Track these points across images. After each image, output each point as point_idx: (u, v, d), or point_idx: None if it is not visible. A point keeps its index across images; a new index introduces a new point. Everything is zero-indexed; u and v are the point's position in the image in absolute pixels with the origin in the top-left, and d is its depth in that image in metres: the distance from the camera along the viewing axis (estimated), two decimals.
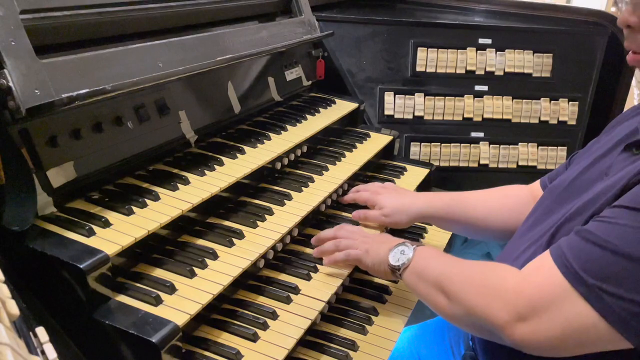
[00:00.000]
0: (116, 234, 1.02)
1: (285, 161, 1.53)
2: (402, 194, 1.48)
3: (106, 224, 1.03)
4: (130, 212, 1.08)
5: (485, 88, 2.15)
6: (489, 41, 2.15)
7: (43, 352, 0.65)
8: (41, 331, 0.68)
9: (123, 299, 0.98)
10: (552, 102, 2.18)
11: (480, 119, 2.14)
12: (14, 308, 0.55)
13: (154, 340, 0.89)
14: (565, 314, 0.85)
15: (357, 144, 1.77)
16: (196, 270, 1.07)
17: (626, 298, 0.81)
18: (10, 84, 0.94)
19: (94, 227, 1.01)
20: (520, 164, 2.16)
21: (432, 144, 2.10)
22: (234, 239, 1.18)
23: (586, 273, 0.83)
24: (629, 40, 1.01)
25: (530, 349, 0.90)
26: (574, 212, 0.97)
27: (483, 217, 1.37)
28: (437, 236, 1.60)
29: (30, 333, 0.67)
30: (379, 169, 1.82)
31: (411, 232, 1.59)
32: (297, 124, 1.65)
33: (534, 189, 1.34)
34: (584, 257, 0.85)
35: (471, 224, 1.39)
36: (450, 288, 1.00)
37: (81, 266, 0.91)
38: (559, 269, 0.87)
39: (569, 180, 1.08)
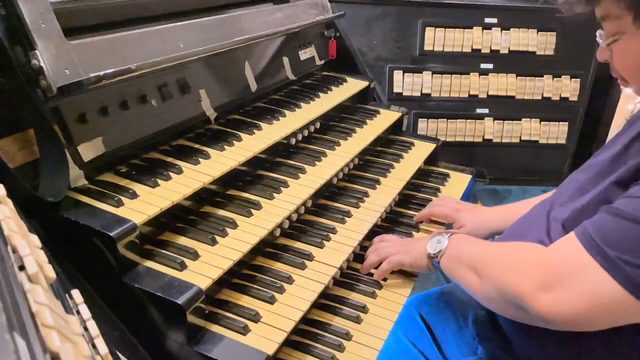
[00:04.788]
0: (143, 204, 1.03)
1: (300, 137, 1.52)
2: (479, 212, 1.45)
3: (134, 195, 1.04)
4: (155, 185, 1.09)
5: (490, 66, 2.11)
6: (494, 20, 2.10)
7: (78, 312, 0.66)
8: (76, 293, 0.69)
9: (150, 264, 0.99)
10: (555, 79, 2.13)
11: (485, 95, 2.11)
12: (50, 272, 0.56)
13: (179, 302, 0.90)
14: (588, 285, 0.82)
15: (368, 120, 1.75)
16: (217, 238, 1.08)
17: None
18: (42, 64, 0.94)
19: (122, 198, 1.02)
20: (523, 138, 2.13)
21: (439, 119, 2.07)
22: (252, 210, 1.19)
23: (606, 245, 0.81)
24: (612, 69, 0.97)
25: (556, 322, 0.87)
26: (593, 195, 0.94)
27: None
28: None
29: (66, 295, 0.69)
30: (388, 144, 1.81)
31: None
32: (311, 101, 1.64)
33: None
34: (604, 229, 0.82)
35: None
36: (480, 267, 0.99)
37: (111, 234, 0.92)
38: (580, 242, 0.84)
39: (598, 166, 1.01)
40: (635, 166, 0.88)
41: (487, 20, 2.10)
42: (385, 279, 1.28)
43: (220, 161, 1.22)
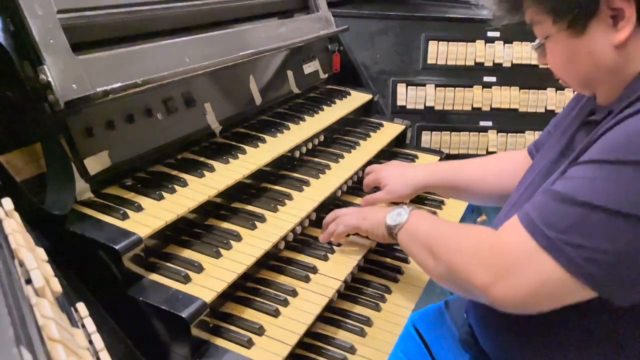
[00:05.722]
0: (148, 217, 1.03)
1: (304, 150, 1.53)
2: (402, 168, 1.47)
3: (139, 208, 1.04)
4: (160, 198, 1.09)
5: (493, 79, 2.12)
6: (497, 34, 2.12)
7: (84, 326, 0.66)
8: (81, 306, 0.69)
9: (155, 277, 0.99)
10: (558, 91, 2.14)
11: (488, 108, 2.11)
12: (56, 285, 0.56)
13: (183, 316, 0.90)
14: (533, 269, 0.84)
15: (371, 133, 1.76)
16: (222, 251, 1.08)
17: (584, 246, 0.79)
18: (50, 79, 0.96)
19: (127, 211, 1.02)
20: None
21: (443, 132, 2.08)
22: (256, 223, 1.19)
23: (546, 226, 0.83)
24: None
25: (506, 307, 0.89)
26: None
27: (481, 182, 1.36)
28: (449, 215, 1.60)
29: (72, 308, 0.69)
30: (392, 156, 1.81)
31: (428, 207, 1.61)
32: (315, 114, 1.64)
33: (523, 156, 1.33)
34: (544, 211, 0.84)
35: (470, 189, 1.38)
36: (435, 248, 1.01)
37: (117, 247, 0.92)
38: (523, 227, 0.86)
39: (549, 162, 1.05)
40: (573, 158, 0.90)
41: (490, 33, 2.11)
42: (389, 292, 1.27)
43: (225, 174, 1.23)
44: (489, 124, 2.11)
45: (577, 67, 0.93)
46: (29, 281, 0.53)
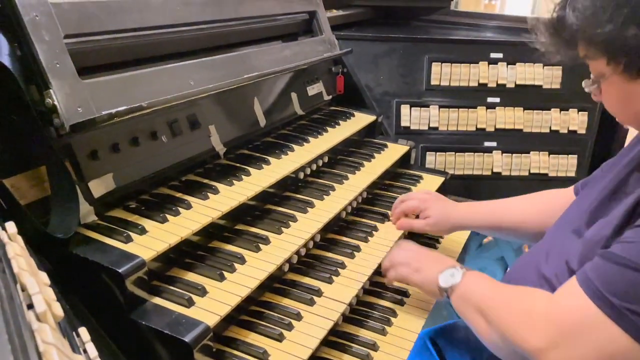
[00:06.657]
0: (152, 240, 1.03)
1: (308, 171, 1.53)
2: (446, 204, 1.47)
3: (142, 231, 1.04)
4: (164, 220, 1.09)
5: (497, 100, 2.12)
6: (500, 55, 2.13)
7: (85, 351, 0.66)
8: (83, 331, 0.69)
9: (158, 301, 0.99)
10: (562, 112, 2.14)
11: (492, 129, 2.12)
12: (58, 310, 0.56)
13: (186, 340, 0.89)
14: (596, 338, 0.80)
15: (376, 154, 1.76)
16: (226, 274, 1.08)
17: None
18: (56, 102, 0.97)
19: (131, 234, 1.02)
20: (532, 171, 2.13)
21: (447, 153, 2.08)
22: (260, 245, 1.19)
23: (611, 294, 0.79)
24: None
25: None
26: (597, 232, 0.94)
27: (521, 222, 1.36)
28: (452, 243, 1.58)
29: (74, 333, 0.68)
30: (396, 177, 1.81)
31: (428, 238, 1.58)
32: (319, 136, 1.65)
33: (569, 195, 1.30)
34: (607, 278, 0.81)
35: (511, 229, 1.38)
36: (488, 312, 0.98)
37: (120, 270, 0.92)
38: (585, 293, 0.83)
39: (597, 199, 1.02)
40: (630, 206, 0.87)
41: (493, 55, 2.13)
42: (395, 315, 1.26)
43: (229, 196, 1.23)
44: (494, 144, 2.11)
45: (633, 109, 0.91)
46: (30, 306, 0.52)
